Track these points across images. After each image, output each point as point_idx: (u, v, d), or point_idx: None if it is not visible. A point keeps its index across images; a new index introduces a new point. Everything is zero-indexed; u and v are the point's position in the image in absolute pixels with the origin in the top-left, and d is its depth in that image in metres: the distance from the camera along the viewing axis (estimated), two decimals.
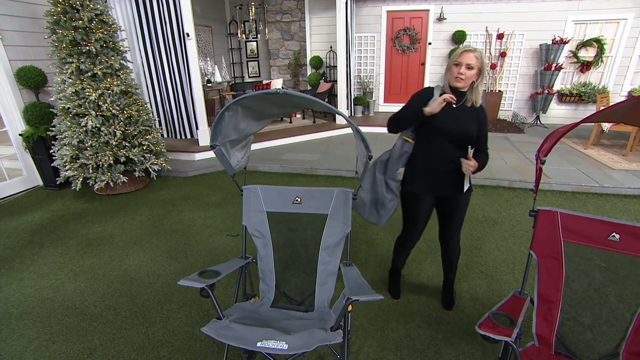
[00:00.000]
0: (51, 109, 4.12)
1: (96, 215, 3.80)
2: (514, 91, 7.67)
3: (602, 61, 7.06)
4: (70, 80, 3.84)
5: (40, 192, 4.47)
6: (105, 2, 4.54)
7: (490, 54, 7.47)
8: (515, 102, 7.75)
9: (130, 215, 3.80)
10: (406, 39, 7.81)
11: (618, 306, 1.53)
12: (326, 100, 7.49)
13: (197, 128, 5.62)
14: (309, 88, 8.18)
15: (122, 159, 4.10)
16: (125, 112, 4.07)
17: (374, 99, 8.14)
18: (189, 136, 6.02)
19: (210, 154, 5.37)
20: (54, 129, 4.03)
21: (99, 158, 3.95)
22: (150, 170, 4.40)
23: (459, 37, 7.37)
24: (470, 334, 2.12)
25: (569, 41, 6.88)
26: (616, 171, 4.59)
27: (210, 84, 7.36)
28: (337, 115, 6.97)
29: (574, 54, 7.14)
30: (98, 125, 3.89)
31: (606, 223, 1.51)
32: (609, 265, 1.54)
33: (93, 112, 3.85)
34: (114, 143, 3.98)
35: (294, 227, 1.97)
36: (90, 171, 3.99)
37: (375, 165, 2.15)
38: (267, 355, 1.50)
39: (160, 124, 5.99)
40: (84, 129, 3.85)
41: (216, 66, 7.70)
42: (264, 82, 8.21)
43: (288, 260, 2.00)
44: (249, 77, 9.23)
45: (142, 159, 4.28)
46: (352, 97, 7.81)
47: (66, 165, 3.98)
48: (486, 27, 7.32)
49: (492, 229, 3.36)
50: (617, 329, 1.53)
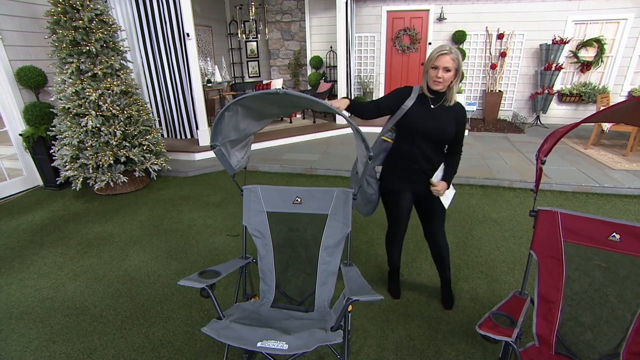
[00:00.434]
0: (51, 109, 4.12)
1: (96, 215, 3.80)
2: (514, 91, 7.67)
3: (602, 61, 7.06)
4: (71, 80, 3.84)
5: (41, 192, 4.47)
6: (106, 2, 4.54)
7: (490, 54, 7.47)
8: (515, 102, 7.75)
9: (130, 215, 3.80)
10: (406, 39, 7.81)
11: (618, 306, 1.53)
12: (326, 100, 7.47)
13: (197, 128, 5.62)
14: (309, 88, 8.18)
15: (122, 159, 4.10)
16: (125, 112, 4.07)
17: (374, 99, 8.13)
18: (189, 136, 6.02)
19: (210, 154, 5.37)
20: (54, 129, 4.03)
21: (99, 158, 3.96)
22: (151, 170, 4.40)
23: (459, 37, 7.37)
24: (471, 334, 2.12)
25: (569, 41, 6.87)
26: (616, 171, 4.58)
27: (210, 84, 7.36)
28: (337, 115, 6.97)
29: (574, 54, 7.14)
30: (98, 125, 3.89)
31: (606, 223, 1.51)
32: (609, 265, 1.54)
33: (93, 112, 3.86)
34: (114, 143, 3.98)
35: (294, 227, 1.97)
36: (91, 171, 3.99)
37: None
38: (267, 355, 1.50)
39: (160, 124, 5.98)
40: (84, 129, 3.86)
41: (216, 66, 7.70)
42: (264, 82, 8.21)
43: (288, 260, 2.00)
44: (249, 77, 9.23)
45: (142, 159, 4.28)
46: (352, 97, 7.80)
47: (66, 165, 3.98)
48: (486, 27, 7.32)
49: (492, 229, 3.36)
50: (617, 329, 1.52)
